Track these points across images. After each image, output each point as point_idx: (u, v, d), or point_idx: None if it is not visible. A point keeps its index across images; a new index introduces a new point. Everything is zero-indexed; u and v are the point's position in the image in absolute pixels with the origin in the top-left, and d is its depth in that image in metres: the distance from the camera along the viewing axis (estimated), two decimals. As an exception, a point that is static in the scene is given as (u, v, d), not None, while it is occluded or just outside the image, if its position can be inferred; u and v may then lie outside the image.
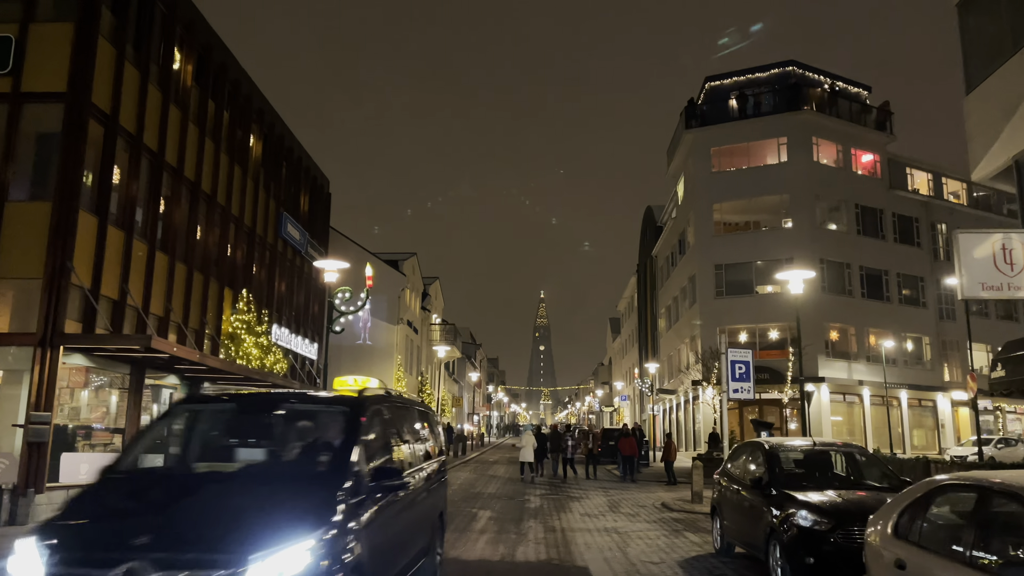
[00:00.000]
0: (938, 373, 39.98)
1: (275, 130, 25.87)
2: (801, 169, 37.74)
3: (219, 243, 21.59)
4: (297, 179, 28.43)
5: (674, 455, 25.43)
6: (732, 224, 40.44)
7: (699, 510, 17.00)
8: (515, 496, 20.33)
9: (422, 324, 43.72)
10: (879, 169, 40.41)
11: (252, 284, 23.85)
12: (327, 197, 32.42)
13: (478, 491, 21.85)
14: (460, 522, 14.57)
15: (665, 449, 25.50)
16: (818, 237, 37.53)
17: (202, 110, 20.35)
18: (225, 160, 21.81)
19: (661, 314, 51.64)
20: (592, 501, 19.19)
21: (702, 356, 35.57)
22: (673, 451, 25.39)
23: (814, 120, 38.37)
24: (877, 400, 37.54)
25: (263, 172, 24.88)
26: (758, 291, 38.18)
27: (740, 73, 41.17)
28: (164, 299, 18.32)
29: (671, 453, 25.27)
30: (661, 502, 19.09)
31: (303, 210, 29.21)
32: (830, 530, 7.99)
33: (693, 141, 40.57)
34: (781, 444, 10.18)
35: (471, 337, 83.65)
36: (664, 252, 50.73)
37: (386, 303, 35.63)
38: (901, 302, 39.45)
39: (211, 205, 20.89)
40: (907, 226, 40.56)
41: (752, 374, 19.30)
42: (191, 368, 17.65)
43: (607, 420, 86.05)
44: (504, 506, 17.81)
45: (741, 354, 19.35)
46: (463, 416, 66.75)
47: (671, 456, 25.23)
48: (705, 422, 37.24)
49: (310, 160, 29.85)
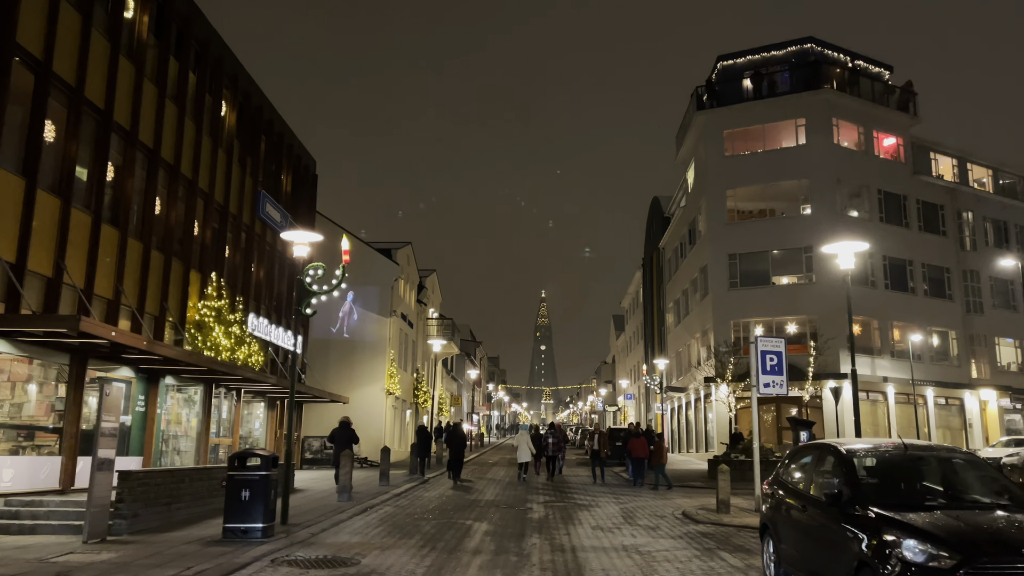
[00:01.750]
0: (965, 370, 37.64)
1: (252, 100, 23.55)
2: (821, 152, 35.40)
3: (184, 220, 19.28)
4: (278, 156, 26.12)
5: (665, 458, 23.16)
6: (746, 212, 38.11)
7: (727, 521, 14.68)
8: (515, 504, 18.02)
9: (418, 318, 41.40)
10: (902, 153, 38.07)
11: (224, 268, 21.56)
12: (313, 178, 30.11)
13: (474, 498, 19.55)
14: (451, 538, 12.27)
15: (655, 451, 23.20)
16: (839, 224, 35.08)
17: (162, 68, 18.03)
18: (191, 127, 19.49)
19: (669, 309, 49.30)
20: (603, 510, 16.88)
21: (715, 351, 33.25)
22: (664, 454, 23.12)
23: (835, 100, 36.03)
24: (902, 398, 35.22)
25: (238, 145, 22.58)
26: (775, 282, 35.85)
27: (754, 51, 38.81)
28: (114, 279, 16.01)
29: (662, 456, 23.00)
30: (682, 511, 16.78)
31: (285, 190, 26.91)
32: (954, 567, 5.71)
33: (705, 123, 38.23)
34: (861, 447, 7.85)
35: (471, 335, 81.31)
36: (672, 243, 48.38)
37: (378, 294, 33.32)
38: (926, 294, 37.11)
39: (174, 176, 18.57)
40: (932, 213, 38.23)
41: (785, 366, 16.96)
42: (145, 359, 15.36)
43: (611, 420, 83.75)
44: (503, 517, 15.51)
45: (772, 343, 17.00)
46: (462, 415, 64.42)
47: (662, 459, 22.97)
48: (718, 421, 34.93)
49: (293, 137, 27.53)
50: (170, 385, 18.75)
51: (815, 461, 8.19)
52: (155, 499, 12.65)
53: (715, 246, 36.72)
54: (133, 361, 15.79)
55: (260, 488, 11.42)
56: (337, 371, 32.53)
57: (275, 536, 11.65)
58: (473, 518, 15.18)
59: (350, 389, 32.07)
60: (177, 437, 19.55)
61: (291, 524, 12.98)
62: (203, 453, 20.04)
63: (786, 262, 35.72)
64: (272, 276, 25.93)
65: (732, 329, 35.59)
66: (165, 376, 17.98)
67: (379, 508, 16.73)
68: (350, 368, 32.63)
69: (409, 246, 37.61)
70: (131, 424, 16.92)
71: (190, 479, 13.96)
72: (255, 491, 11.40)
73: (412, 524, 14.06)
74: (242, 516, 11.30)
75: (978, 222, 40.05)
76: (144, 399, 17.30)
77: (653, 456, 23.17)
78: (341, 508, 15.84)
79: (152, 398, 17.50)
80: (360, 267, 33.45)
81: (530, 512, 16.45)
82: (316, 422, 31.76)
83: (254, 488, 11.40)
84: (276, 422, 25.86)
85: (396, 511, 16.23)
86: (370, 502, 17.34)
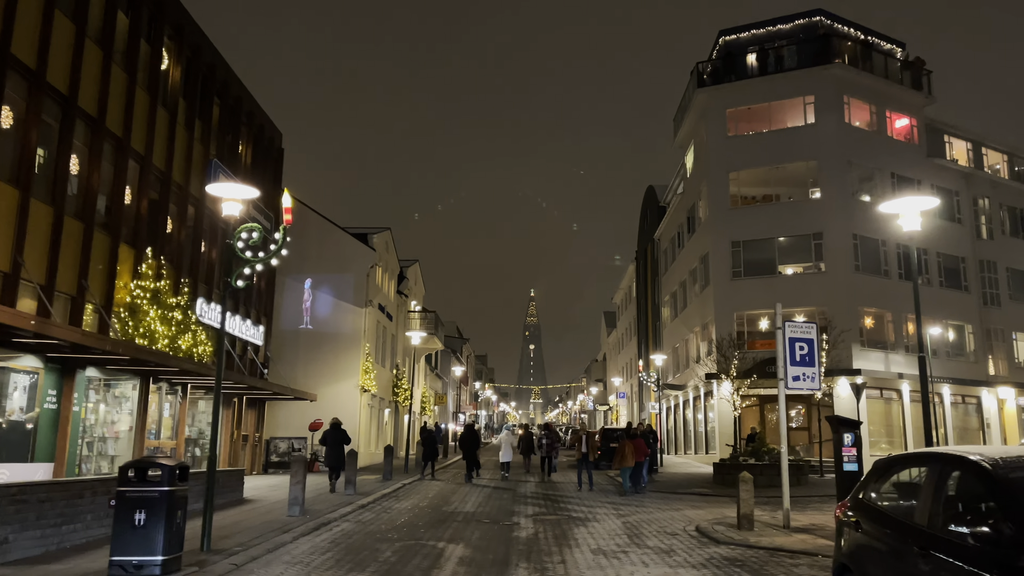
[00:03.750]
0: (982, 366, 35.28)
1: (202, 56, 20.72)
2: (831, 132, 32.91)
3: (111, 185, 16.46)
4: (235, 124, 23.30)
5: (631, 461, 20.52)
6: (749, 197, 35.55)
7: (754, 542, 12.06)
8: (499, 518, 15.33)
9: (398, 310, 38.62)
10: (916, 135, 35.65)
11: (166, 245, 18.74)
12: (278, 153, 27.29)
13: (452, 509, 16.86)
14: (414, 570, 9.58)
15: (619, 452, 20.58)
16: (850, 209, 32.70)
17: (80, 2, 15.21)
18: (121, 77, 16.67)
19: (665, 302, 46.74)
20: (603, 526, 14.23)
21: (718, 345, 30.67)
22: (629, 456, 20.47)
23: (846, 75, 33.54)
24: (916, 396, 32.74)
25: (184, 106, 19.76)
26: (781, 271, 33.33)
27: (759, 25, 36.29)
28: (11, 249, 13.20)
29: (625, 458, 20.38)
30: (695, 526, 14.16)
31: (244, 163, 24.10)
32: None
33: (706, 102, 35.67)
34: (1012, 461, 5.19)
35: (457, 332, 78.49)
36: (669, 233, 45.81)
37: (352, 282, 30.52)
38: (942, 285, 34.70)
39: (96, 131, 15.76)
40: (947, 199, 35.81)
41: (818, 355, 14.36)
42: (50, 345, 12.57)
43: (601, 419, 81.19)
44: (484, 536, 12.84)
45: (803, 329, 14.40)
46: (447, 415, 61.66)
47: (627, 461, 20.36)
48: (720, 420, 32.35)
49: (254, 104, 24.71)
50: (94, 378, 15.96)
51: (934, 480, 5.54)
52: (37, 520, 9.89)
53: (717, 233, 34.17)
54: (36, 348, 12.99)
55: (160, 508, 8.69)
56: (307, 366, 29.73)
57: (182, 570, 8.92)
58: (447, 538, 12.49)
59: (321, 386, 29.31)
60: (104, 440, 16.75)
61: (214, 551, 10.25)
62: (136, 457, 17.21)
63: (793, 250, 33.22)
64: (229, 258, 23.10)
65: (735, 322, 33.04)
66: (85, 367, 15.18)
67: (336, 525, 14.01)
68: (321, 363, 29.84)
69: (388, 231, 34.83)
70: (38, 424, 14.11)
71: (93, 492, 11.17)
72: (153, 512, 8.67)
73: (370, 548, 11.36)
74: (135, 546, 8.56)
75: (994, 209, 37.75)
76: (56, 394, 14.49)
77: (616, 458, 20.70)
78: (288, 526, 13.11)
79: (67, 393, 14.69)
80: (332, 252, 30.70)
81: (516, 528, 13.78)
82: (283, 422, 28.97)
83: (152, 508, 8.67)
84: (232, 422, 23.06)
85: (355, 529, 13.51)
86: (327, 516, 14.62)
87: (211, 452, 10.58)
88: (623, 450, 20.03)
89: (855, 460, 11.88)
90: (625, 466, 20.02)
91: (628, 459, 20.02)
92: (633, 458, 20.27)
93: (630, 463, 20.08)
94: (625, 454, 20.03)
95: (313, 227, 30.59)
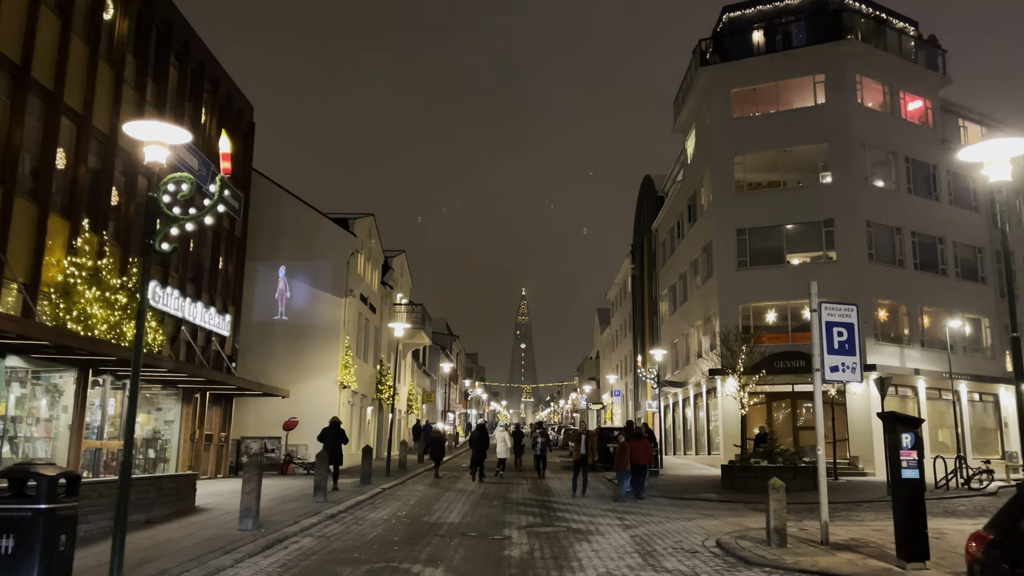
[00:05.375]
0: (999, 362, 33.39)
1: (156, 9, 18.48)
2: (843, 112, 30.94)
3: (40, 147, 14.23)
4: (197, 89, 21.06)
5: (627, 464, 18.46)
6: (755, 184, 33.52)
7: (791, 563, 9.99)
8: (488, 530, 13.21)
9: (382, 303, 36.41)
10: (931, 118, 33.73)
11: (111, 219, 16.52)
12: (248, 127, 25.06)
13: (435, 519, 14.74)
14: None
15: (620, 454, 18.51)
16: (864, 195, 30.75)
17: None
18: (52, 21, 14.44)
19: (663, 296, 44.71)
20: (607, 540, 12.15)
21: (724, 338, 28.63)
22: (626, 459, 18.40)
23: (859, 52, 31.57)
24: (933, 393, 30.88)
25: (133, 64, 17.54)
26: (789, 260, 31.34)
27: (765, 1, 34.26)
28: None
29: (624, 461, 18.33)
30: (716, 541, 12.11)
31: (208, 135, 21.86)
32: None
33: (710, 81, 33.64)
34: None
35: (447, 328, 76.24)
36: (668, 223, 43.77)
37: (331, 270, 28.28)
38: (958, 276, 32.80)
39: (20, 82, 13.52)
40: (963, 185, 33.96)
41: (859, 343, 12.31)
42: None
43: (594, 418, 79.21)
44: (469, 555, 10.73)
45: (842, 312, 12.34)
46: (436, 414, 59.50)
47: (624, 464, 18.31)
48: (725, 419, 30.34)
49: (220, 70, 22.47)
50: (18, 368, 13.74)
51: None
52: None
53: (721, 220, 32.14)
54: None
55: (34, 532, 6.53)
56: (281, 360, 27.52)
57: (66, 614, 6.77)
58: (424, 559, 10.37)
59: (296, 382, 27.10)
60: (32, 439, 14.52)
61: (125, 582, 8.08)
62: (73, 461, 15.02)
63: (802, 238, 31.25)
64: (192, 239, 20.92)
65: (740, 315, 31.04)
66: (5, 356, 12.95)
67: (295, 540, 11.86)
68: (296, 357, 27.62)
69: (371, 217, 32.60)
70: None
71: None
72: (25, 537, 6.51)
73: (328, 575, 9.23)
74: (-2, 583, 6.42)
75: (1010, 197, 35.86)
76: (-36, 386, 12.27)
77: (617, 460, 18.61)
78: (235, 543, 10.95)
79: (-22, 385, 12.47)
80: (309, 237, 28.48)
81: (507, 545, 11.68)
82: (254, 420, 26.75)
83: (24, 532, 6.52)
84: (194, 420, 20.83)
85: (316, 547, 11.36)
86: (286, 530, 12.46)
87: (125, 456, 8.35)
88: (625, 452, 17.90)
89: (916, 465, 9.84)
90: (624, 469, 17.92)
91: (630, 461, 17.92)
92: (635, 460, 18.16)
93: (629, 466, 17.99)
94: (627, 456, 17.92)
95: (288, 210, 28.38)
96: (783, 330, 30.64)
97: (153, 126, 8.84)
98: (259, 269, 27.55)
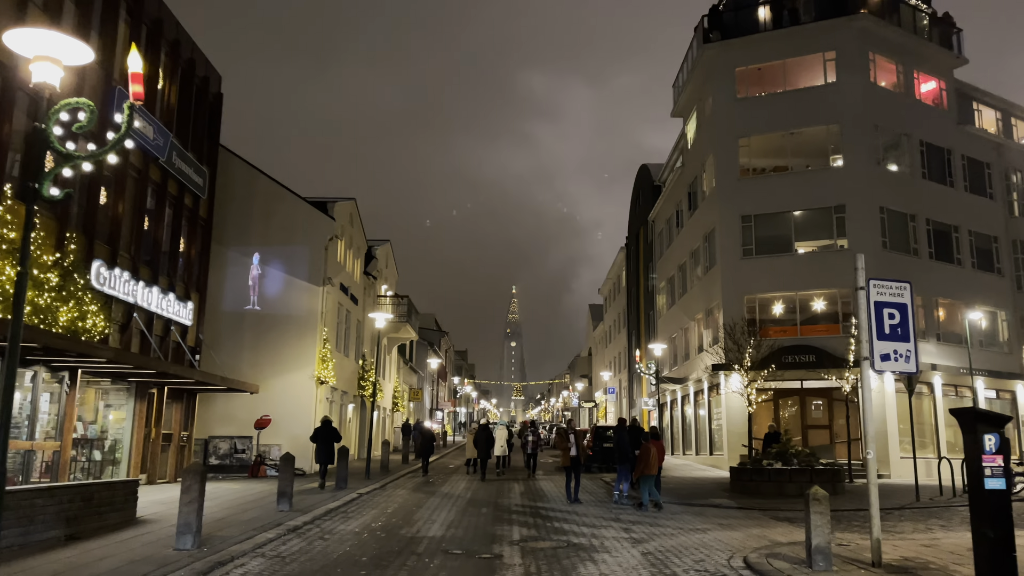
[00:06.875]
0: (1016, 357, 31.72)
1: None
2: (855, 92, 29.11)
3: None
4: (155, 51, 18.95)
5: (653, 467, 16.38)
6: (760, 168, 31.67)
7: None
8: (475, 547, 11.23)
9: (365, 293, 34.34)
10: (945, 99, 31.98)
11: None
12: (216, 99, 22.94)
13: (414, 532, 12.75)
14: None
15: (642, 458, 16.40)
16: (877, 179, 28.97)
17: None
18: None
19: (660, 289, 42.84)
20: (616, 559, 10.21)
21: (730, 331, 26.77)
22: (652, 462, 16.32)
23: (873, 29, 29.77)
24: (950, 390, 29.15)
25: (75, 11, 15.43)
26: (798, 249, 29.52)
27: (772, -25, 32.37)
28: None
29: (651, 464, 16.24)
30: (743, 560, 10.23)
31: (167, 103, 19.76)
32: None
33: (713, 60, 31.77)
34: None
35: (436, 324, 74.11)
36: (666, 213, 41.88)
37: (308, 256, 26.17)
38: (974, 267, 31.08)
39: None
40: (978, 172, 32.26)
41: (913, 328, 10.44)
42: None
43: (586, 416, 77.33)
44: None
45: (894, 290, 10.46)
46: (424, 412, 57.46)
47: (650, 468, 16.24)
48: (730, 417, 28.50)
49: (183, 33, 20.38)
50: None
51: None
52: None
53: (725, 206, 30.28)
54: None
55: None
56: (254, 354, 25.43)
57: None
58: (395, 589, 8.39)
59: (270, 376, 25.05)
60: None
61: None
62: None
63: (812, 225, 29.43)
64: (147, 215, 18.82)
65: (744, 306, 29.19)
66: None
67: (242, 563, 9.85)
68: (270, 350, 25.54)
69: (352, 201, 30.50)
70: None
71: None
72: None
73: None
74: None
75: (1023, 184, 34.23)
76: None
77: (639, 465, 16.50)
78: (162, 568, 8.93)
79: None
80: (283, 221, 26.39)
81: (498, 566, 9.71)
82: (222, 418, 24.66)
83: None
84: (149, 418, 18.73)
85: (266, 570, 9.36)
86: (233, 549, 10.43)
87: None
88: (647, 455, 15.90)
89: (1002, 474, 7.94)
90: (650, 474, 15.96)
91: (653, 465, 15.96)
92: (656, 464, 16.20)
93: (654, 470, 16.04)
94: (652, 459, 15.93)
95: (261, 191, 26.27)
96: (791, 323, 28.82)
97: (41, 35, 6.76)
98: (228, 255, 25.45)
